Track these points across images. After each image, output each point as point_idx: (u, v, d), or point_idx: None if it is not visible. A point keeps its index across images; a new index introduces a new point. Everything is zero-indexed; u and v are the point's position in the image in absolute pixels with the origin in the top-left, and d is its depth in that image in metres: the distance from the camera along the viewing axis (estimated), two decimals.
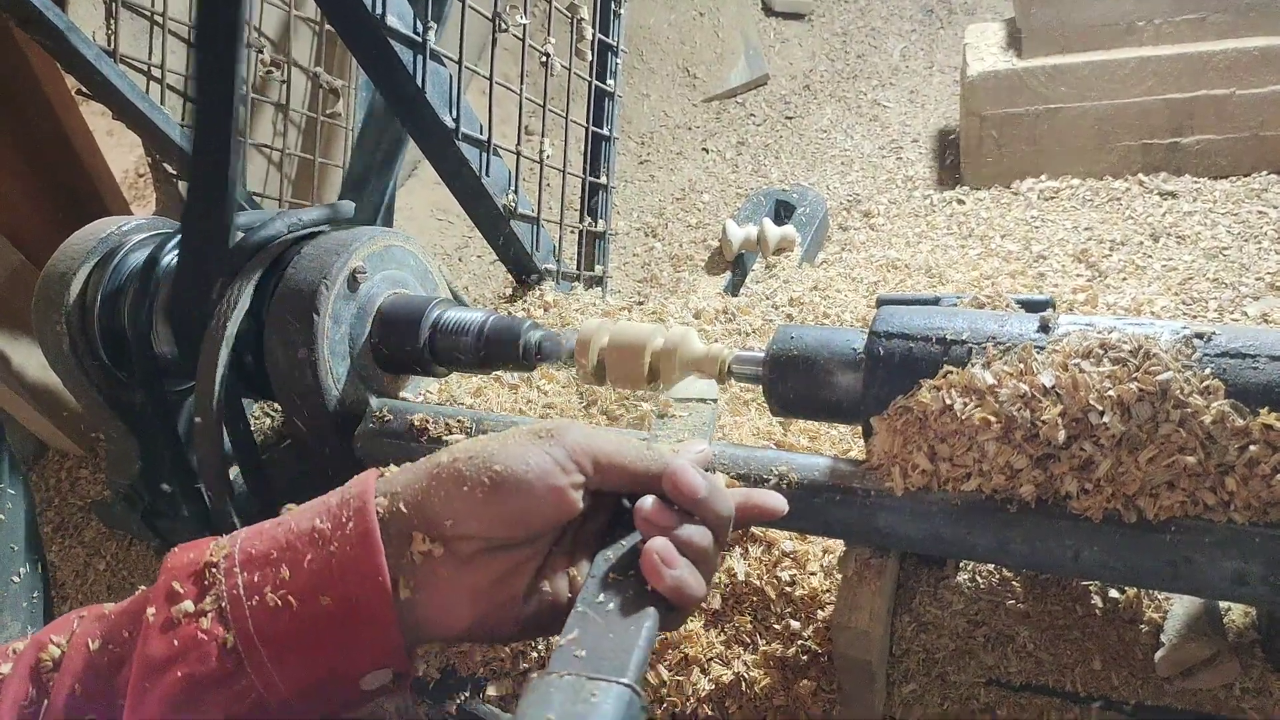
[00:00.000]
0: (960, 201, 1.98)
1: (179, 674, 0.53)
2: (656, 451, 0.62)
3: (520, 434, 0.60)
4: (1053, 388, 0.66)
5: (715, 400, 0.82)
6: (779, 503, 0.66)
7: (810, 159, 2.39)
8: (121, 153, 1.70)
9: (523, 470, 0.57)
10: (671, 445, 0.70)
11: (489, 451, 0.58)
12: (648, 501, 0.60)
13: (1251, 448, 0.62)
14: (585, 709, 0.48)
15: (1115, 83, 1.91)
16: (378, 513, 0.57)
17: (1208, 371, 0.64)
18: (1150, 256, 1.68)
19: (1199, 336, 0.66)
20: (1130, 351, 0.66)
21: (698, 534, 0.59)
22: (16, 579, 0.91)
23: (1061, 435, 0.65)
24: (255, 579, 0.55)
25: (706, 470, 0.64)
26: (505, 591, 0.59)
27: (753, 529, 0.98)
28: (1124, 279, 1.62)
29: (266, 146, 1.61)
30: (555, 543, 0.62)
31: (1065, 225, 1.81)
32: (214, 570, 0.56)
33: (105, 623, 0.58)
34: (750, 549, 0.97)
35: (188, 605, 0.55)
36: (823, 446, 1.07)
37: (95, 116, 1.72)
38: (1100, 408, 0.64)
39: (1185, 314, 1.51)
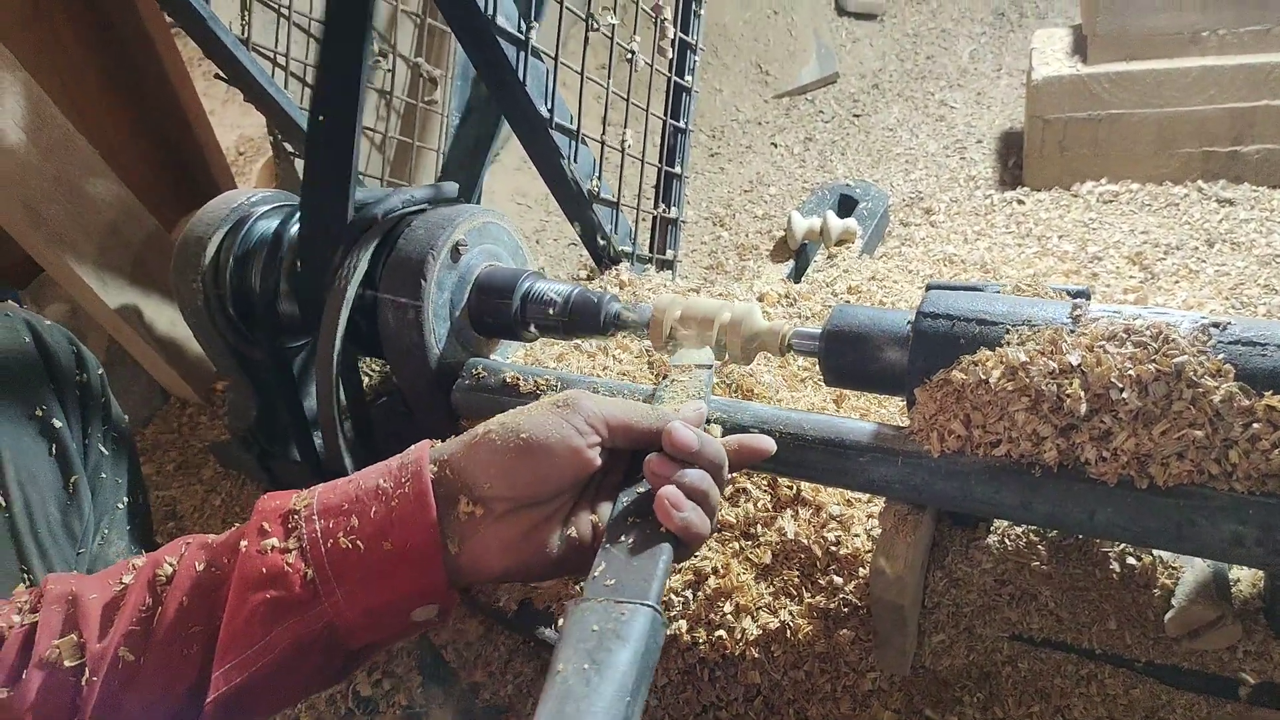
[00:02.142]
0: (1020, 202, 2.01)
1: (268, 595, 0.63)
2: (659, 412, 0.73)
3: (542, 405, 0.70)
4: (1078, 366, 0.73)
5: (711, 366, 0.90)
6: (768, 444, 0.77)
7: (875, 156, 2.43)
8: (224, 131, 1.84)
9: (545, 436, 0.67)
10: (674, 406, 0.81)
11: (517, 423, 0.68)
12: (654, 456, 0.70)
13: (1254, 425, 0.68)
14: (618, 625, 0.58)
15: (1178, 90, 1.92)
16: (430, 476, 0.67)
17: (1220, 357, 0.70)
18: (1204, 261, 1.70)
19: (1215, 325, 0.72)
20: (1151, 336, 0.72)
21: (698, 478, 0.69)
22: (121, 505, 1.03)
23: (1084, 408, 0.72)
24: (330, 525, 0.65)
25: (702, 425, 0.75)
26: (536, 540, 0.68)
27: (803, 494, 1.06)
28: (1176, 282, 1.64)
29: (370, 129, 1.72)
30: (578, 495, 0.72)
31: (1122, 228, 1.83)
32: (296, 516, 0.67)
33: (208, 550, 0.68)
34: (800, 511, 1.04)
35: (274, 542, 0.65)
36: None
37: (203, 98, 1.86)
38: (1120, 385, 0.71)
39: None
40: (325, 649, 0.65)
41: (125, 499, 1.03)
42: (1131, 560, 0.87)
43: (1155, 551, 0.87)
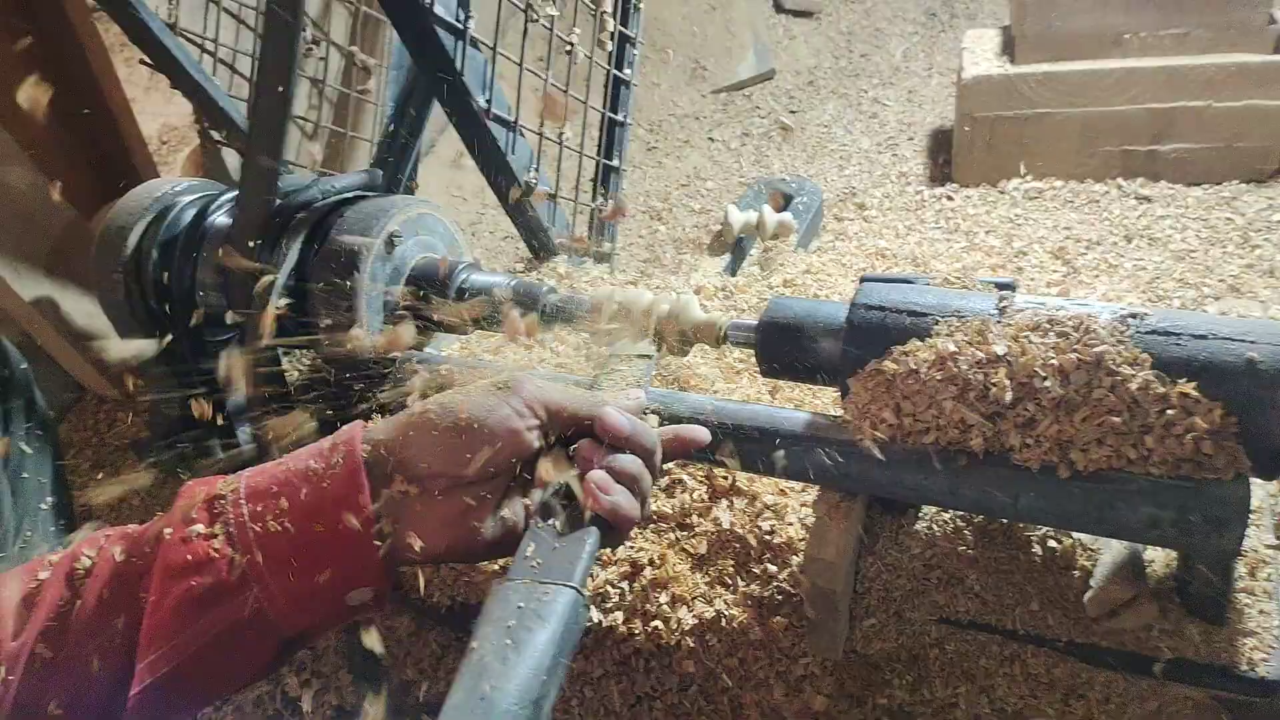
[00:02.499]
0: (949, 198, 2.06)
1: (194, 583, 0.61)
2: (597, 397, 0.73)
3: (483, 387, 0.69)
4: (1004, 355, 0.75)
5: (651, 356, 0.91)
6: (703, 434, 0.77)
7: (811, 152, 2.47)
8: (146, 120, 1.78)
9: (484, 416, 0.67)
10: (614, 393, 0.81)
11: (456, 402, 0.67)
12: (585, 441, 0.70)
13: (1169, 411, 0.70)
14: (540, 606, 0.58)
15: (1101, 90, 1.98)
16: (363, 456, 0.66)
17: (1138, 346, 0.72)
18: (1123, 256, 1.76)
19: (1133, 316, 0.74)
20: (1073, 326, 0.74)
21: (628, 463, 0.69)
22: (45, 505, 0.99)
23: (1009, 396, 0.74)
24: (259, 509, 0.64)
25: (642, 413, 0.76)
26: (471, 520, 0.68)
27: (738, 484, 1.07)
28: (1096, 276, 1.70)
29: (302, 118, 1.68)
30: (515, 478, 0.71)
31: (1046, 224, 1.88)
32: (222, 501, 0.65)
33: (129, 540, 0.66)
34: (735, 501, 1.05)
35: (200, 528, 0.64)
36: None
37: (125, 85, 1.79)
38: (1044, 374, 0.73)
39: None
40: (256, 637, 0.63)
41: (50, 499, 0.99)
42: (1053, 543, 0.89)
43: (1075, 534, 0.90)
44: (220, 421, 1.25)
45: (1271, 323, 0.73)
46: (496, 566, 1.05)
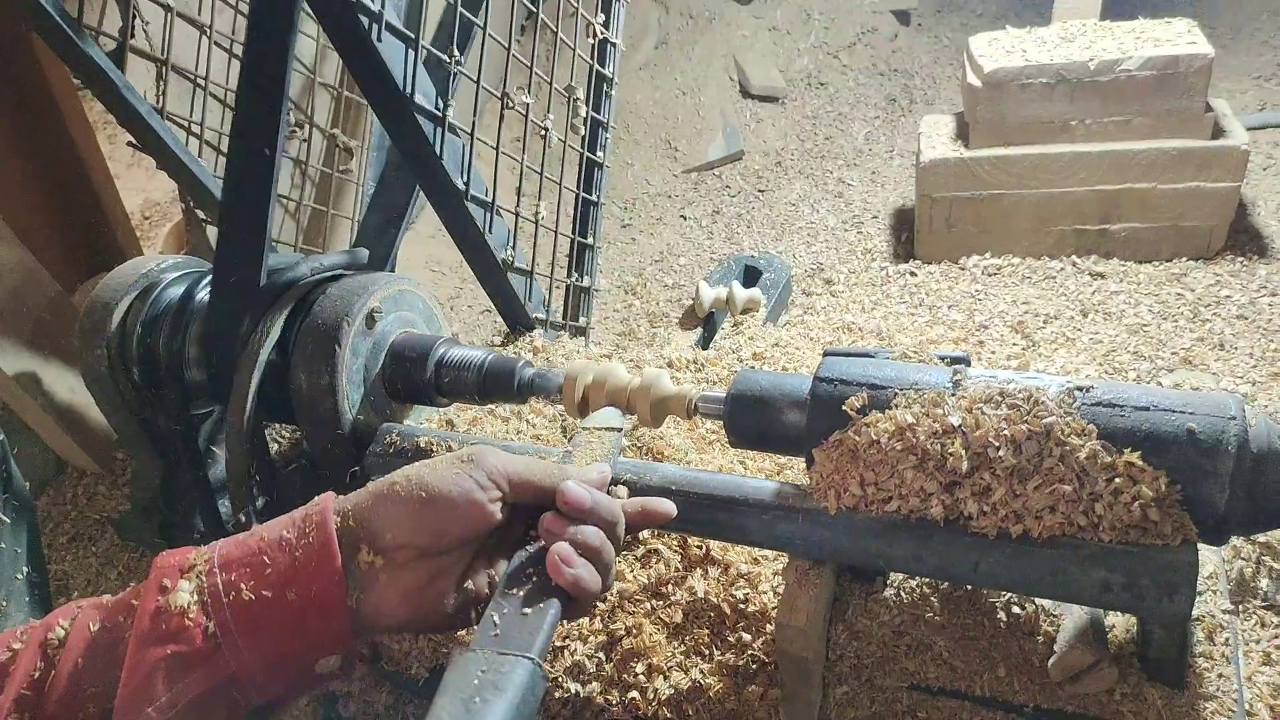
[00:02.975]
0: (913, 274, 2.12)
1: (169, 651, 0.63)
2: (561, 470, 0.75)
3: (448, 459, 0.72)
4: (959, 426, 0.78)
5: (621, 430, 0.92)
6: (668, 507, 0.78)
7: (779, 229, 2.54)
8: (129, 195, 1.81)
9: (448, 488, 0.69)
10: (581, 466, 0.82)
11: (421, 475, 0.70)
12: (549, 514, 0.72)
13: (1116, 480, 0.74)
14: (498, 676, 0.59)
15: (1051, 174, 2.07)
16: (335, 526, 0.67)
17: (1084, 418, 0.76)
18: (1080, 330, 1.82)
19: (1080, 389, 0.78)
20: (1023, 399, 0.78)
21: (591, 535, 0.70)
22: (20, 576, 0.99)
23: (965, 465, 0.77)
24: (232, 578, 0.66)
25: (609, 486, 0.77)
26: (435, 590, 0.69)
27: (713, 553, 1.08)
28: (1055, 349, 1.76)
29: (285, 197, 1.72)
30: (478, 549, 0.73)
31: (1005, 299, 1.95)
32: (196, 570, 0.66)
33: (103, 610, 0.67)
34: (710, 570, 1.06)
35: (174, 597, 0.65)
36: None
37: (108, 161, 1.83)
38: (997, 444, 0.76)
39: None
40: (228, 704, 0.64)
41: (25, 569, 0.99)
42: (1016, 609, 0.92)
43: (1037, 600, 0.92)
44: (200, 494, 1.25)
45: (1210, 395, 0.77)
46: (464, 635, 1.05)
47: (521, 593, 0.67)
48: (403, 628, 0.69)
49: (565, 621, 0.71)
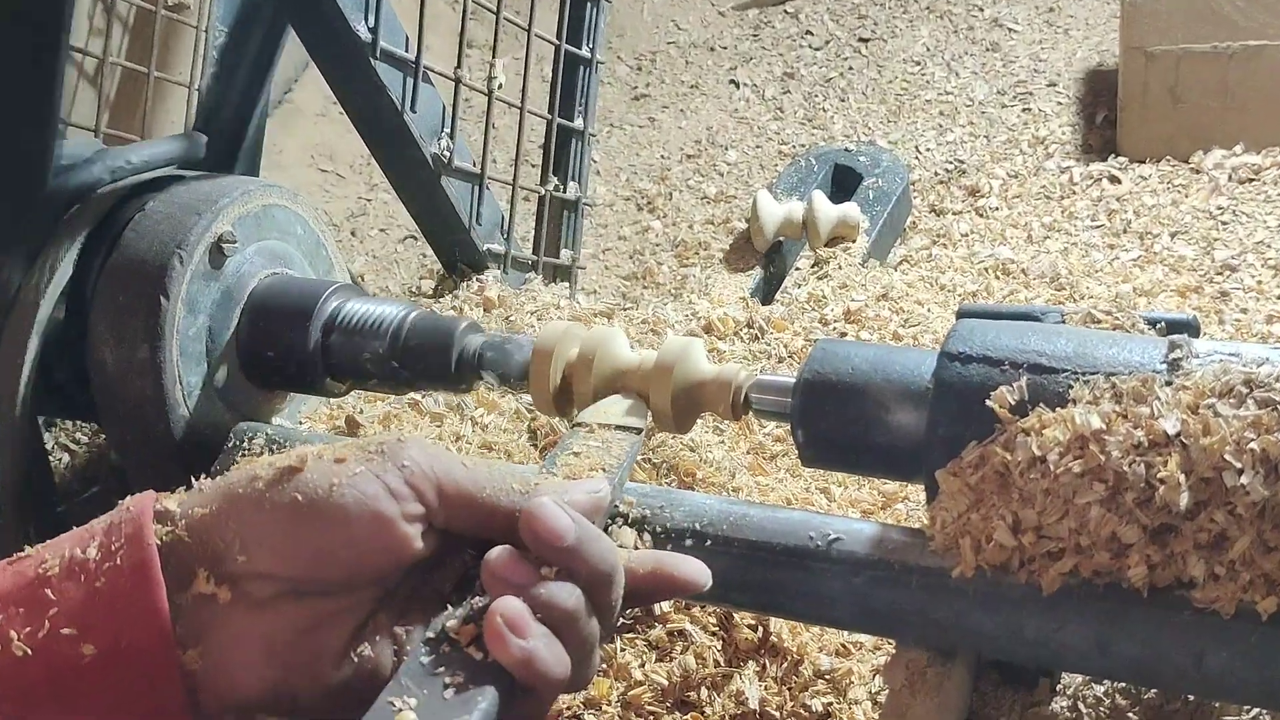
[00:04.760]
0: (1114, 179, 2.08)
1: None
2: (527, 483, 0.72)
3: (344, 448, 0.69)
4: (1177, 436, 0.75)
5: (640, 430, 0.91)
6: (696, 573, 0.75)
7: (893, 105, 2.50)
8: None
9: (341, 494, 0.66)
10: (560, 479, 0.80)
11: (299, 468, 0.67)
12: (498, 552, 0.68)
13: None
14: None
15: None
16: (157, 541, 0.65)
17: None
18: None
19: None
20: None
21: (562, 593, 0.67)
22: None
23: (1185, 500, 0.74)
24: None
25: (609, 524, 0.76)
26: (311, 649, 0.68)
27: (773, 638, 1.07)
28: None
29: (80, 50, 1.71)
30: (385, 595, 0.71)
31: (1269, 222, 1.90)
32: None
33: None
34: (769, 665, 1.06)
35: None
36: None
37: None
38: (1239, 465, 0.73)
39: None
40: None
41: None
42: None
43: None
44: None
45: None
46: None
47: (443, 671, 0.65)
48: (264, 701, 0.67)
49: None
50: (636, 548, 0.83)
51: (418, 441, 0.71)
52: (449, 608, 0.70)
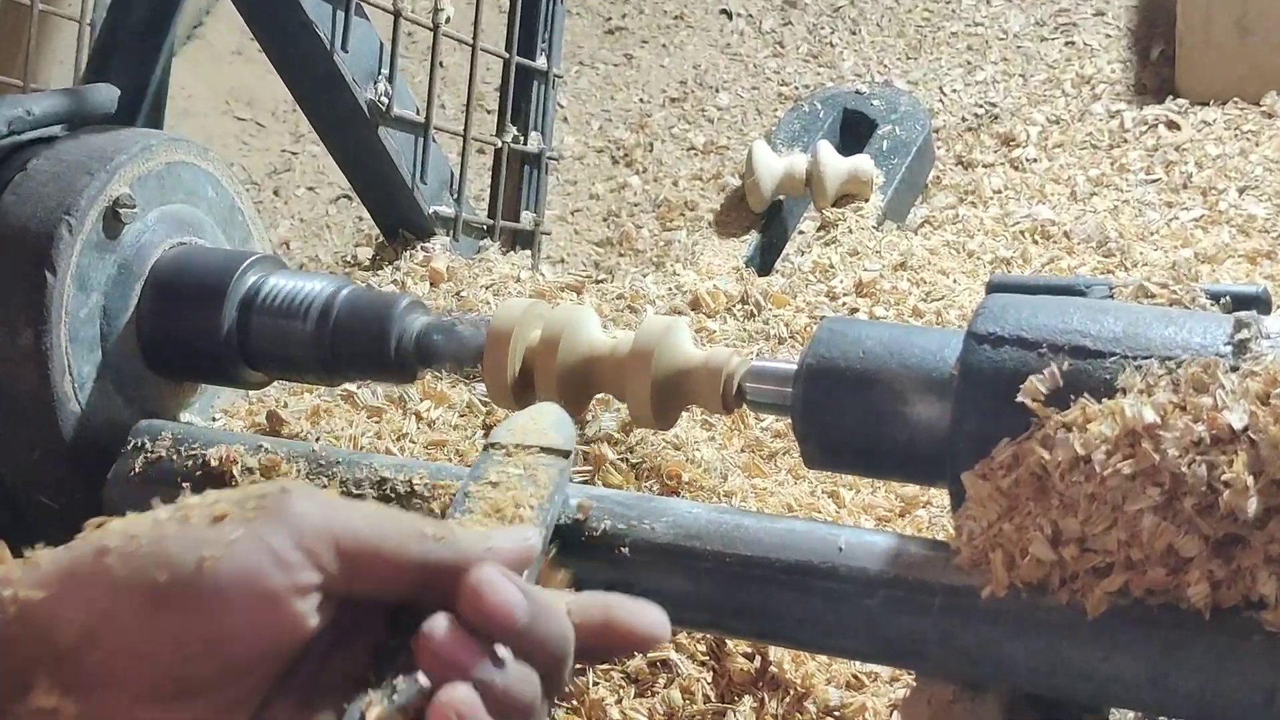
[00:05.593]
0: (1171, 125, 2.10)
1: None
2: (451, 536, 0.71)
3: (220, 505, 0.67)
4: (1244, 430, 0.78)
5: (569, 453, 0.90)
6: (654, 625, 0.74)
7: (913, 38, 2.51)
8: None
9: (212, 568, 0.63)
10: (480, 526, 0.81)
11: (159, 534, 0.65)
12: (439, 625, 0.66)
13: None
14: None
15: None
16: None
17: None
18: None
19: None
20: None
21: (521, 685, 0.67)
22: None
23: (1253, 506, 0.77)
24: None
25: (530, 568, 0.75)
26: None
27: (772, 669, 1.10)
28: None
29: None
30: (278, 685, 0.69)
31: None
32: None
33: None
34: (768, 700, 1.09)
35: None
36: None
37: None
38: None
39: None
40: None
41: None
42: None
43: None
44: None
45: None
46: None
47: None
48: None
49: None
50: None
51: (305, 490, 0.68)
52: (366, 690, 0.69)
